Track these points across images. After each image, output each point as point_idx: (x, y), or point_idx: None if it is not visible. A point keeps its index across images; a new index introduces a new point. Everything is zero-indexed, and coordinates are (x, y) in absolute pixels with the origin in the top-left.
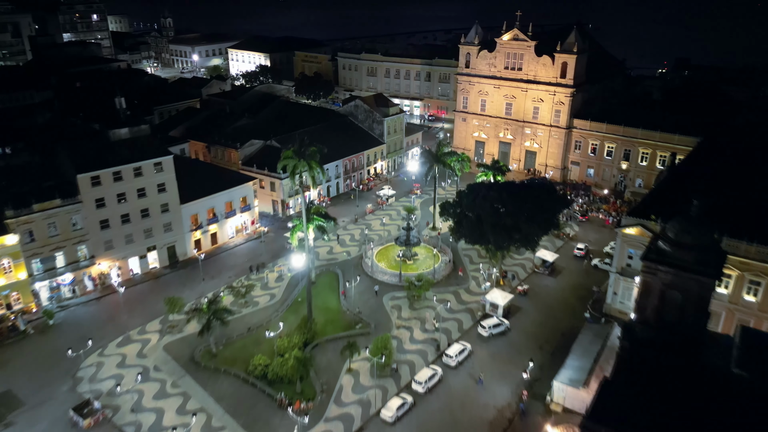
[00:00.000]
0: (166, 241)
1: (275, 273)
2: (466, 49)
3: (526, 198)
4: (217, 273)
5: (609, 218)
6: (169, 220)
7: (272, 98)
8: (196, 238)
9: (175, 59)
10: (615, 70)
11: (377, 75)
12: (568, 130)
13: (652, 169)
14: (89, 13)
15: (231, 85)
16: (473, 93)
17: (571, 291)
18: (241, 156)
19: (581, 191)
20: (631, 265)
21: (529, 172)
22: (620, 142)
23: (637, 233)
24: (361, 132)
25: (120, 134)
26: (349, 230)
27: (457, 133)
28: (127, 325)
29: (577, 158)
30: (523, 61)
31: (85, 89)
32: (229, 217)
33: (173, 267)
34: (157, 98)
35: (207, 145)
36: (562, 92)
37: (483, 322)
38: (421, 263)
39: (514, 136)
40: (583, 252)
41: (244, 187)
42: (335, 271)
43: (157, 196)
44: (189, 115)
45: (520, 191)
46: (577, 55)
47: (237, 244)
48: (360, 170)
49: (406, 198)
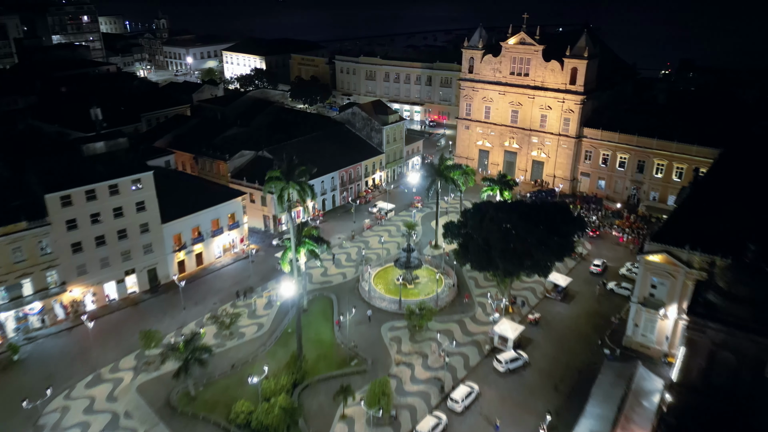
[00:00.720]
0: (146, 264)
1: (264, 299)
2: (470, 53)
3: (538, 220)
4: (201, 299)
5: (623, 235)
6: (150, 240)
7: (266, 104)
8: (179, 260)
9: (169, 61)
10: (626, 75)
11: (376, 79)
12: (577, 139)
13: (668, 182)
14: (79, 14)
15: (224, 89)
16: (477, 99)
17: (587, 319)
18: (230, 168)
19: (592, 204)
20: (654, 295)
21: (537, 184)
22: (634, 152)
23: (662, 261)
24: (358, 141)
25: (95, 148)
26: (345, 248)
27: (459, 141)
28: (98, 361)
29: (588, 169)
30: (530, 66)
31: (70, 94)
32: (216, 235)
33: (154, 291)
34: (146, 104)
35: (194, 156)
36: (571, 99)
37: (499, 356)
38: (422, 288)
39: (521, 145)
40: (600, 269)
41: (233, 203)
42: (329, 297)
43: (136, 216)
44: (177, 122)
45: (532, 212)
46: (588, 61)
47: (224, 265)
48: (357, 182)
49: (406, 212)
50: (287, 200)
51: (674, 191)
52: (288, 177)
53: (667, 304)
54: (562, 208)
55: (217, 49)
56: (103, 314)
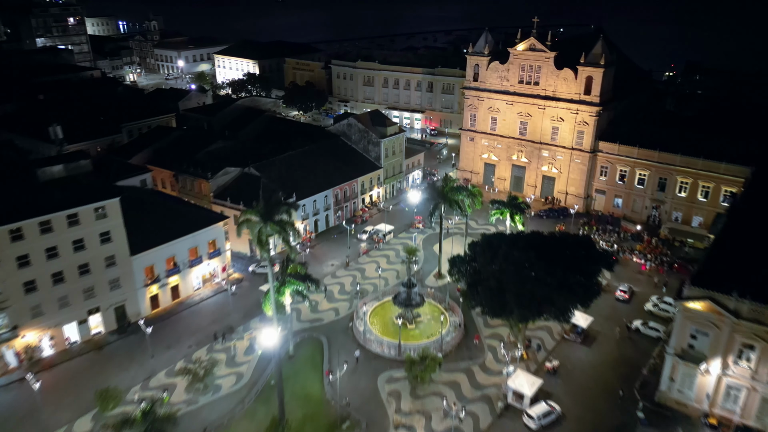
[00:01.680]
0: (114, 301)
1: (245, 341)
2: (475, 59)
3: (558, 257)
4: (175, 341)
5: (645, 262)
6: (117, 275)
7: (256, 113)
8: (152, 294)
9: (160, 65)
10: (642, 83)
11: (374, 85)
12: (592, 153)
13: (692, 202)
14: (65, 16)
15: (213, 95)
16: (482, 109)
17: (612, 367)
18: (212, 188)
19: (609, 225)
20: (694, 347)
21: (547, 201)
22: (654, 169)
23: (704, 309)
24: (354, 154)
25: (52, 172)
26: (338, 278)
27: (463, 154)
28: (50, 423)
29: (603, 186)
30: (541, 74)
31: (48, 103)
32: (194, 265)
33: (123, 331)
34: (128, 113)
35: (174, 174)
36: (586, 111)
37: (530, 411)
38: (424, 328)
39: (530, 159)
40: (627, 294)
41: (213, 229)
42: (319, 339)
43: (100, 248)
44: (159, 134)
45: (550, 247)
46: (604, 69)
47: (204, 298)
48: (353, 199)
49: (406, 233)
50: (266, 246)
51: (700, 212)
52: (266, 216)
53: (710, 357)
54: (585, 243)
55: (210, 52)
56: (62, 360)
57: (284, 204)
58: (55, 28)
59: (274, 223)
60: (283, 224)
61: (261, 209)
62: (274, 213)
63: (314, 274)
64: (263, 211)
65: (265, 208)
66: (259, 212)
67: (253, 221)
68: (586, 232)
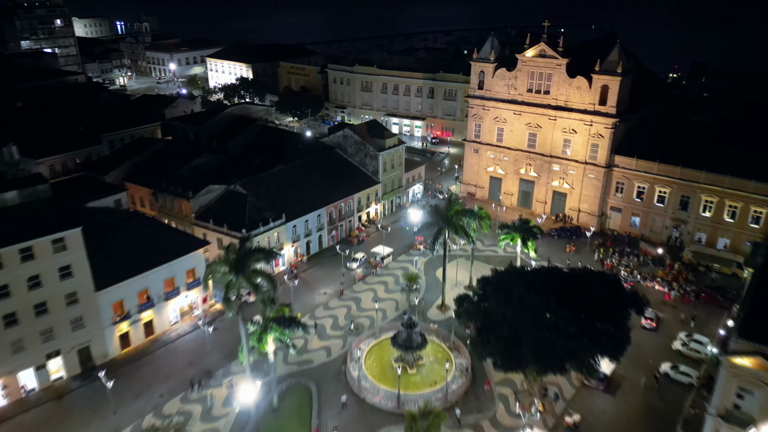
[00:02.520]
0: (77, 343)
1: (224, 389)
2: (480, 66)
3: (582, 301)
4: (145, 388)
5: (669, 291)
6: (80, 313)
7: (246, 122)
8: (121, 332)
9: (152, 67)
10: (657, 90)
11: (373, 90)
12: (607, 168)
13: (718, 222)
14: (52, 18)
15: (203, 101)
16: (488, 119)
17: (640, 421)
18: (194, 208)
19: (626, 247)
20: (740, 408)
21: (558, 219)
22: (676, 186)
23: (754, 366)
24: (350, 169)
25: (4, 199)
26: (331, 309)
27: (467, 166)
28: None
29: (619, 203)
30: (552, 82)
31: (26, 110)
32: (170, 297)
33: (88, 376)
34: (111, 121)
35: (153, 192)
36: (601, 122)
37: None
38: (427, 373)
39: (539, 173)
40: (653, 323)
41: (193, 257)
42: (308, 386)
43: (60, 285)
44: (140, 147)
45: (572, 289)
46: (621, 77)
47: (181, 334)
48: (349, 218)
49: (406, 255)
50: (237, 300)
51: (726, 234)
52: (238, 269)
53: (759, 421)
54: (611, 282)
55: (204, 55)
56: (15, 413)
57: (260, 252)
58: (41, 30)
59: (246, 278)
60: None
61: (231, 260)
62: (247, 263)
63: (304, 304)
64: (234, 262)
65: (237, 257)
66: (229, 263)
67: (223, 271)
68: (601, 255)
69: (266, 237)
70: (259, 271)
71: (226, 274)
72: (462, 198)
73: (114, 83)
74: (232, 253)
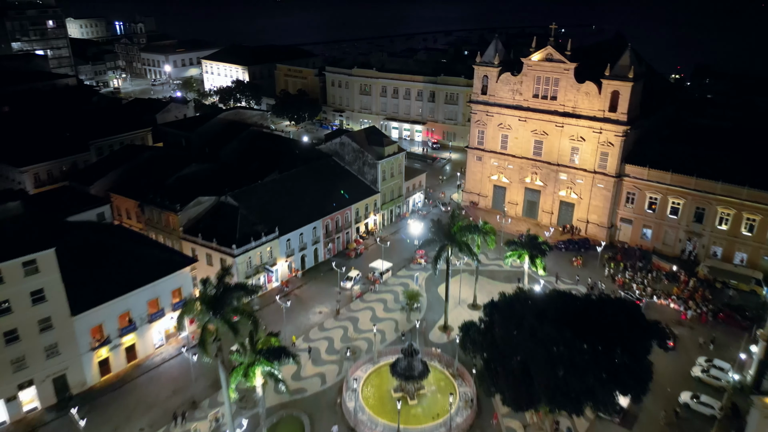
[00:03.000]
0: (51, 371)
1: (210, 423)
2: (483, 70)
3: (599, 331)
4: (124, 421)
5: (685, 310)
6: (54, 340)
7: (240, 128)
8: (101, 358)
9: (147, 69)
10: (668, 94)
11: (372, 94)
12: (617, 178)
13: (735, 236)
14: (44, 19)
15: (196, 105)
16: (491, 126)
17: None
18: (182, 221)
19: (638, 261)
20: None
21: (565, 230)
22: (691, 197)
23: None
24: (348, 177)
25: None
26: (326, 330)
27: (470, 174)
28: None
29: (630, 215)
30: (559, 87)
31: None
32: (154, 320)
33: (63, 406)
34: (100, 127)
35: (140, 204)
36: (611, 130)
37: None
38: (429, 404)
39: (545, 182)
40: (671, 342)
41: (179, 276)
42: (300, 418)
43: (32, 310)
44: (127, 155)
45: (588, 318)
46: (633, 83)
47: (166, 358)
48: (346, 229)
49: (406, 270)
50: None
51: (744, 248)
52: (216, 307)
53: None
54: (630, 309)
55: (199, 56)
56: None
57: (240, 289)
58: (32, 31)
59: (223, 320)
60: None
61: (209, 298)
62: (225, 302)
63: (298, 325)
64: (212, 300)
65: (215, 295)
66: (205, 299)
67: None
68: (611, 269)
69: (258, 252)
70: (240, 308)
71: (202, 313)
72: (464, 206)
73: (108, 85)
74: (210, 287)
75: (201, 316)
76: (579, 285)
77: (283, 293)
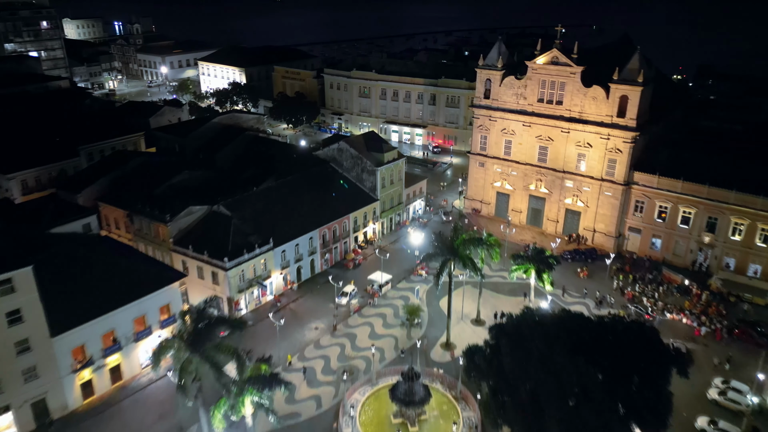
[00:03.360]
0: (30, 395)
1: None
2: (486, 73)
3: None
4: None
5: (699, 326)
6: (33, 362)
7: (235, 132)
8: (83, 380)
9: (144, 70)
10: (677, 97)
11: (371, 96)
12: (626, 186)
13: (749, 247)
14: (37, 19)
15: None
16: (494, 131)
17: None
18: (172, 232)
19: (648, 273)
20: None
21: (572, 239)
22: (702, 206)
23: None
24: (346, 184)
25: None
26: (323, 348)
27: (472, 180)
28: None
29: (638, 224)
30: (565, 91)
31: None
32: (141, 338)
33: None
34: (91, 132)
35: (128, 214)
36: (619, 136)
37: None
38: (431, 430)
39: (551, 189)
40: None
41: (167, 292)
42: None
43: (8, 332)
44: (117, 161)
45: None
46: (642, 87)
47: (153, 379)
48: (344, 239)
49: (407, 282)
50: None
51: (758, 260)
52: (194, 346)
53: None
54: (647, 334)
55: (196, 57)
56: None
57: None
58: (26, 32)
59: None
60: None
61: (185, 334)
62: (206, 339)
63: (293, 342)
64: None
65: (194, 331)
66: (182, 336)
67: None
68: (620, 282)
69: (251, 265)
70: (223, 345)
71: (179, 352)
72: (466, 214)
73: (103, 87)
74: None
75: (178, 355)
76: (587, 298)
77: (276, 309)
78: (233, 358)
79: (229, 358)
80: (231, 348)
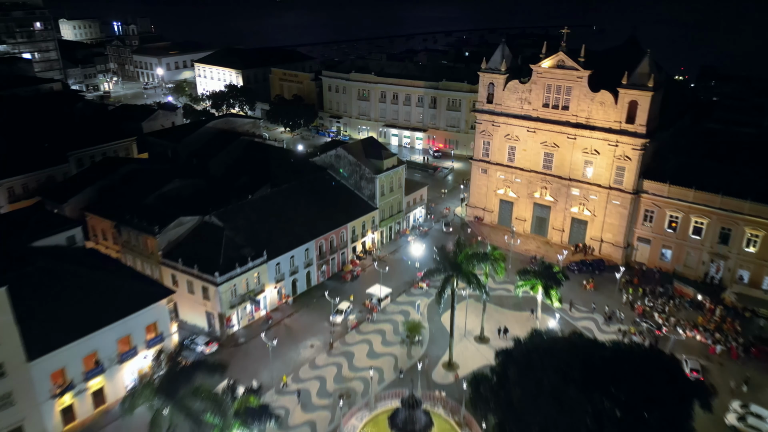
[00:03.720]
0: (5, 423)
1: None
2: (489, 77)
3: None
4: None
5: (714, 344)
6: (8, 388)
7: (231, 137)
8: (64, 406)
9: (140, 72)
10: (687, 104)
11: (370, 99)
12: (635, 195)
13: (764, 259)
14: (31, 20)
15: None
16: (498, 137)
17: None
18: (161, 245)
19: (658, 286)
20: None
21: (578, 249)
22: (715, 216)
23: None
24: (344, 193)
25: None
26: (318, 368)
27: (474, 188)
28: None
29: (648, 234)
30: (572, 96)
31: None
32: (126, 359)
33: None
34: (81, 136)
35: (116, 225)
36: (628, 143)
37: None
38: None
39: (556, 197)
40: (701, 376)
41: (153, 310)
42: None
43: None
44: (105, 168)
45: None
46: (652, 92)
47: None
48: (342, 250)
49: (407, 295)
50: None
51: None
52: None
53: None
54: (668, 365)
55: (193, 58)
56: None
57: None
58: (18, 33)
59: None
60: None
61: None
62: (181, 386)
63: (287, 361)
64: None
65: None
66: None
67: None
68: (630, 295)
69: (244, 279)
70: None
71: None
72: (468, 221)
73: (98, 89)
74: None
75: (150, 403)
76: (595, 313)
77: (267, 327)
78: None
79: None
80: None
